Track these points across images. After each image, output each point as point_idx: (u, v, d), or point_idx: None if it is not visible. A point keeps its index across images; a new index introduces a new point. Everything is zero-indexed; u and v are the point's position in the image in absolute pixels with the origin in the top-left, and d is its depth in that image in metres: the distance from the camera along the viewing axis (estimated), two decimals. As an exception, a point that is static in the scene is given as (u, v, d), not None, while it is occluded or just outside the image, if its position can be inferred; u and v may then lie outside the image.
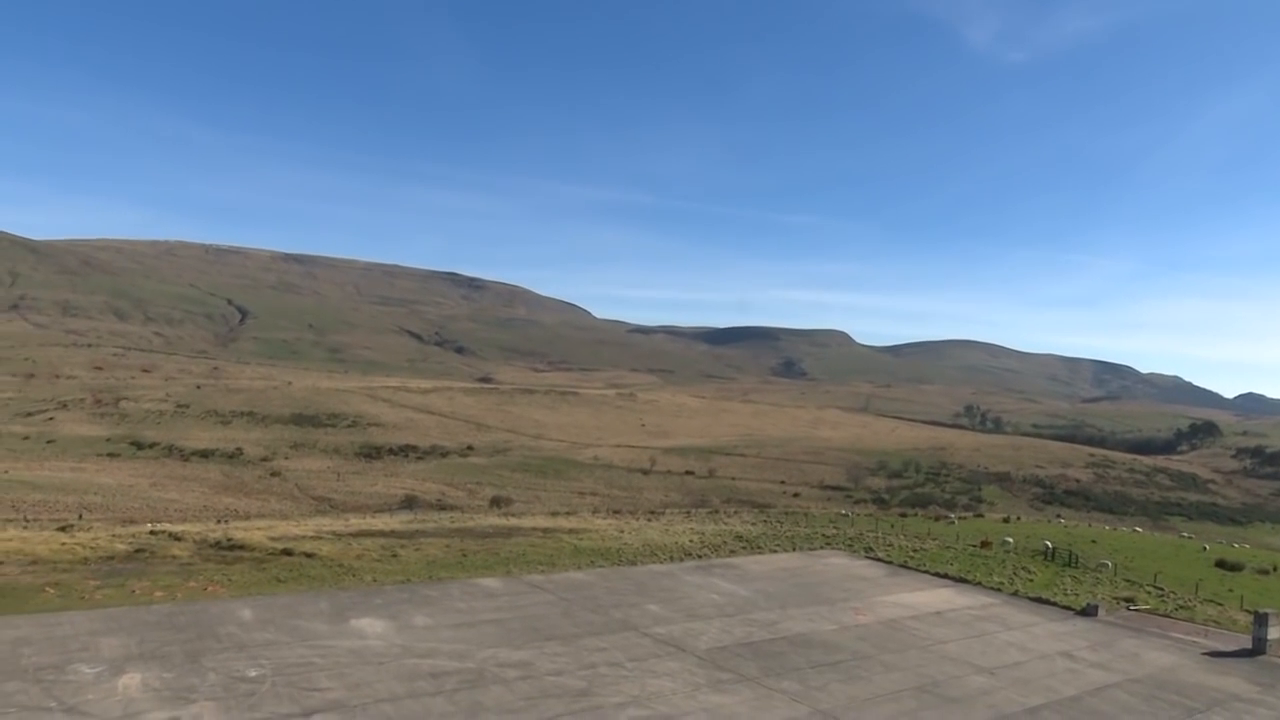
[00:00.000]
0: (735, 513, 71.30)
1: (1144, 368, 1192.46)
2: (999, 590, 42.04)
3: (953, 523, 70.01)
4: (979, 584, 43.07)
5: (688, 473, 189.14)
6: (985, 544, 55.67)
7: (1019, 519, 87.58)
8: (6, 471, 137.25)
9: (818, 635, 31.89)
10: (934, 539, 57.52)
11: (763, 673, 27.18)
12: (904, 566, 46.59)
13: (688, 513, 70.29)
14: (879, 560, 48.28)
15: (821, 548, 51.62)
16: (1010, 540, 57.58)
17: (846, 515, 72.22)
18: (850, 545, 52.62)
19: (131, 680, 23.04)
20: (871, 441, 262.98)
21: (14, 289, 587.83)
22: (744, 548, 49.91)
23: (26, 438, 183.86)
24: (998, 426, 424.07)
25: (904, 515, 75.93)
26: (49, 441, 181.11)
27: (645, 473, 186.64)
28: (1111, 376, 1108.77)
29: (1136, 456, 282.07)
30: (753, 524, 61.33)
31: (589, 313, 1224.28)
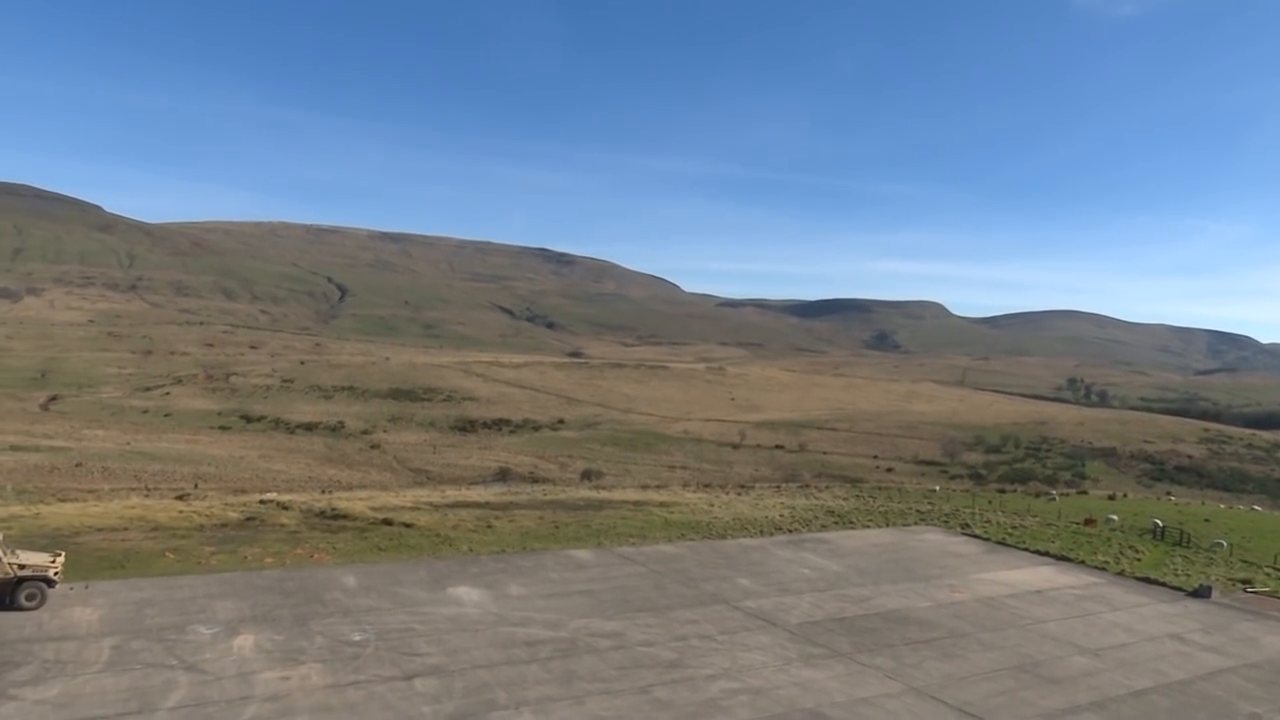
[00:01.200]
0: (826, 487, 70.51)
1: (1264, 337, 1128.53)
2: (1104, 569, 40.60)
3: (1054, 499, 67.79)
4: (1082, 563, 41.69)
5: (778, 447, 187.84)
6: (1089, 521, 53.77)
7: (1125, 496, 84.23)
8: (129, 443, 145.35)
9: (912, 612, 31.40)
10: (1034, 516, 55.85)
11: (855, 648, 26.93)
12: (1002, 544, 45.40)
13: (778, 487, 69.83)
14: (976, 537, 47.15)
15: (915, 523, 50.69)
16: (1115, 518, 55.49)
17: (940, 491, 70.65)
18: (945, 521, 51.51)
19: (245, 641, 24.22)
20: (968, 415, 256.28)
21: (132, 270, 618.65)
22: (835, 523, 49.38)
23: (146, 411, 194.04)
24: (1103, 400, 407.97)
25: (1002, 491, 73.79)
26: (166, 415, 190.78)
27: (735, 447, 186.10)
28: (1228, 347, 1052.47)
29: (1255, 431, 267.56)
30: (844, 499, 60.57)
31: (678, 287, 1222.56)
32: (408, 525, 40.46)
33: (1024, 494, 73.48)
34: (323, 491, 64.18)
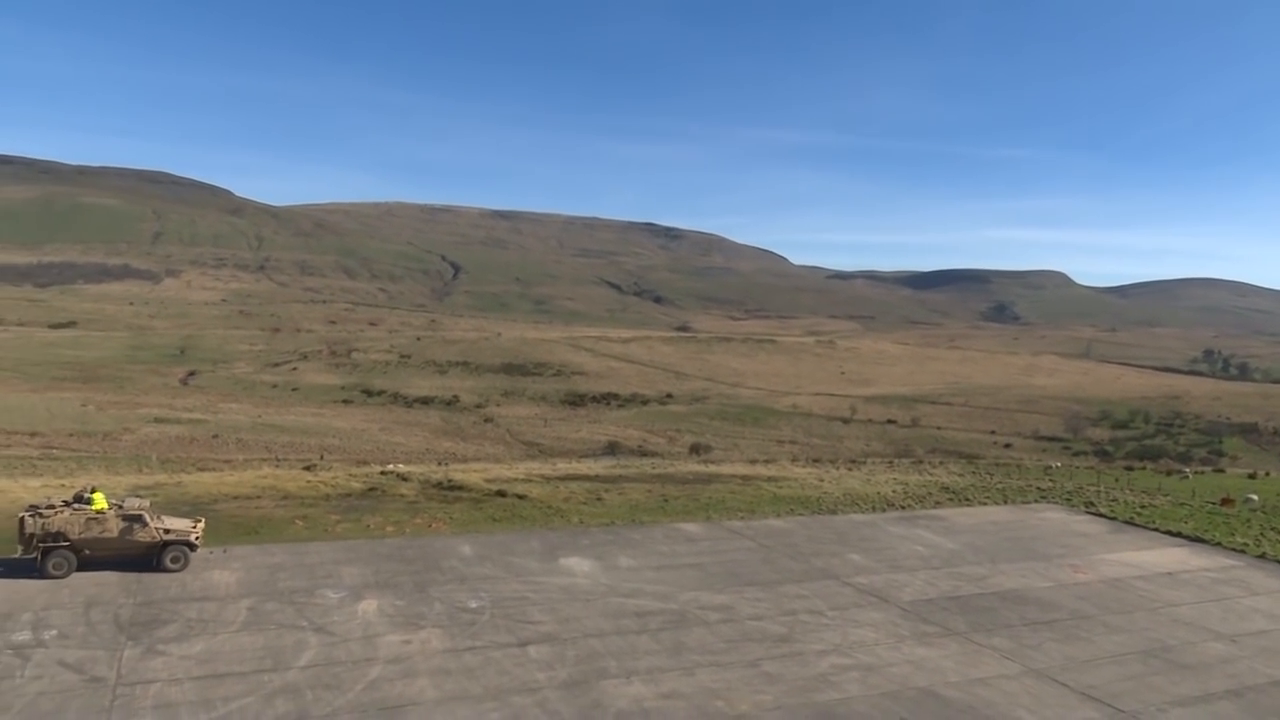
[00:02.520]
0: (941, 463, 68.76)
1: None
2: (1242, 552, 38.33)
3: (1186, 477, 64.31)
4: (1218, 544, 39.45)
5: (890, 421, 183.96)
6: (1226, 501, 50.80)
7: (1268, 475, 79.15)
8: (260, 416, 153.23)
9: (1031, 592, 30.41)
10: (1165, 495, 53.12)
11: (971, 628, 26.29)
12: (1129, 523, 43.39)
13: (890, 462, 68.49)
14: (1101, 516, 45.19)
15: (1035, 501, 48.93)
16: (1256, 497, 52.24)
17: (1061, 467, 67.94)
18: (1068, 499, 49.54)
19: (369, 606, 25.34)
20: (1093, 389, 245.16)
21: (260, 251, 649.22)
22: (950, 499, 48.12)
23: (275, 386, 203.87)
24: (1243, 373, 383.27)
25: (1130, 469, 70.45)
26: (293, 389, 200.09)
27: (845, 421, 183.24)
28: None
29: None
30: (960, 475, 58.94)
31: (786, 259, 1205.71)
32: (520, 497, 41.45)
33: (1154, 471, 69.98)
34: (439, 463, 66.34)
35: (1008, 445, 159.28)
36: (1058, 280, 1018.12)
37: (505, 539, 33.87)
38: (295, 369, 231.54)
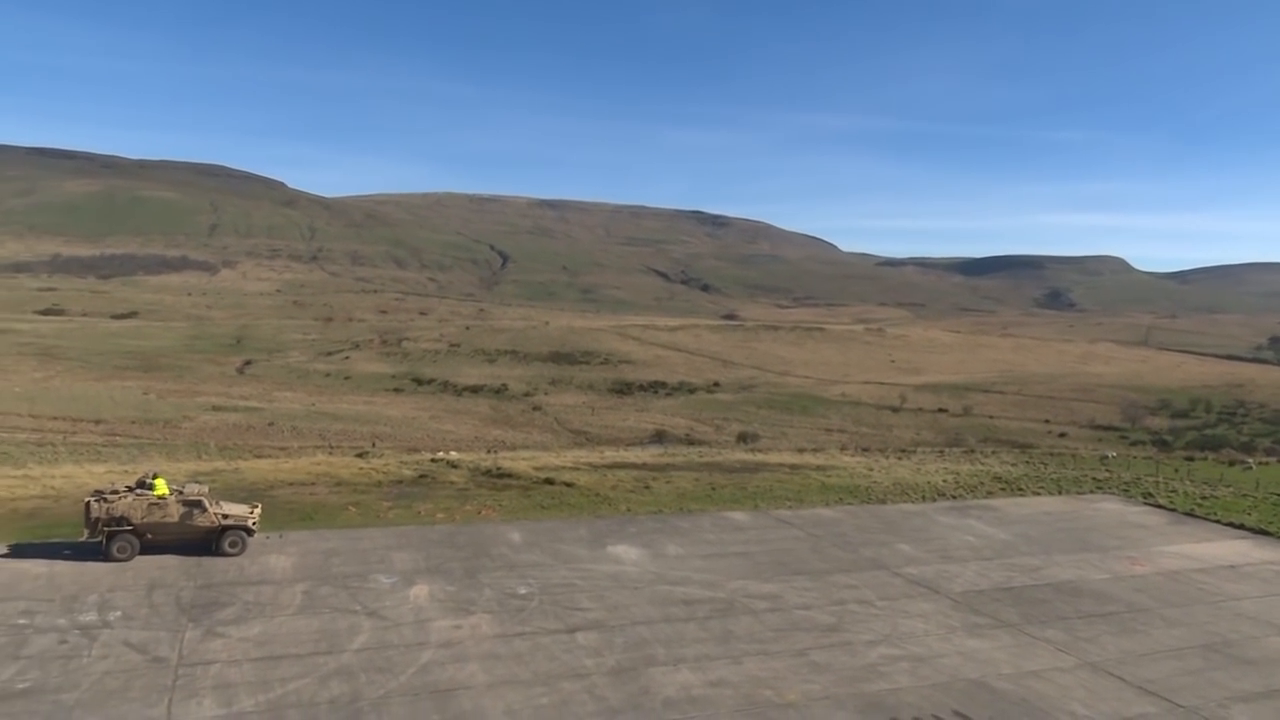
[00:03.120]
0: (993, 453, 67.65)
1: None
2: (1308, 545, 37.19)
3: (1250, 468, 62.48)
4: (1283, 537, 38.32)
5: (941, 410, 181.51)
6: (1291, 493, 49.28)
7: (1335, 466, 76.73)
8: (314, 404, 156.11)
9: (1087, 584, 29.86)
10: (1227, 486, 51.70)
11: (1024, 620, 25.90)
12: (1190, 515, 42.33)
13: (941, 452, 67.53)
14: (1160, 507, 44.14)
15: (1091, 492, 47.96)
16: (1324, 489, 50.61)
17: (1118, 457, 66.43)
18: (1125, 490, 48.47)
19: (420, 591, 25.73)
20: (1152, 377, 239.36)
21: (313, 242, 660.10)
22: (1003, 489, 47.38)
23: (328, 374, 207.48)
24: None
25: (1190, 459, 68.57)
26: (346, 378, 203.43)
27: (895, 410, 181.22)
28: None
29: None
30: (1013, 465, 57.96)
31: (835, 246, 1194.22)
32: (568, 484, 41.71)
33: (1215, 462, 68.09)
34: (488, 451, 66.94)
35: (1062, 434, 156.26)
36: (1115, 266, 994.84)
37: (553, 526, 34.13)
38: (347, 358, 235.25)
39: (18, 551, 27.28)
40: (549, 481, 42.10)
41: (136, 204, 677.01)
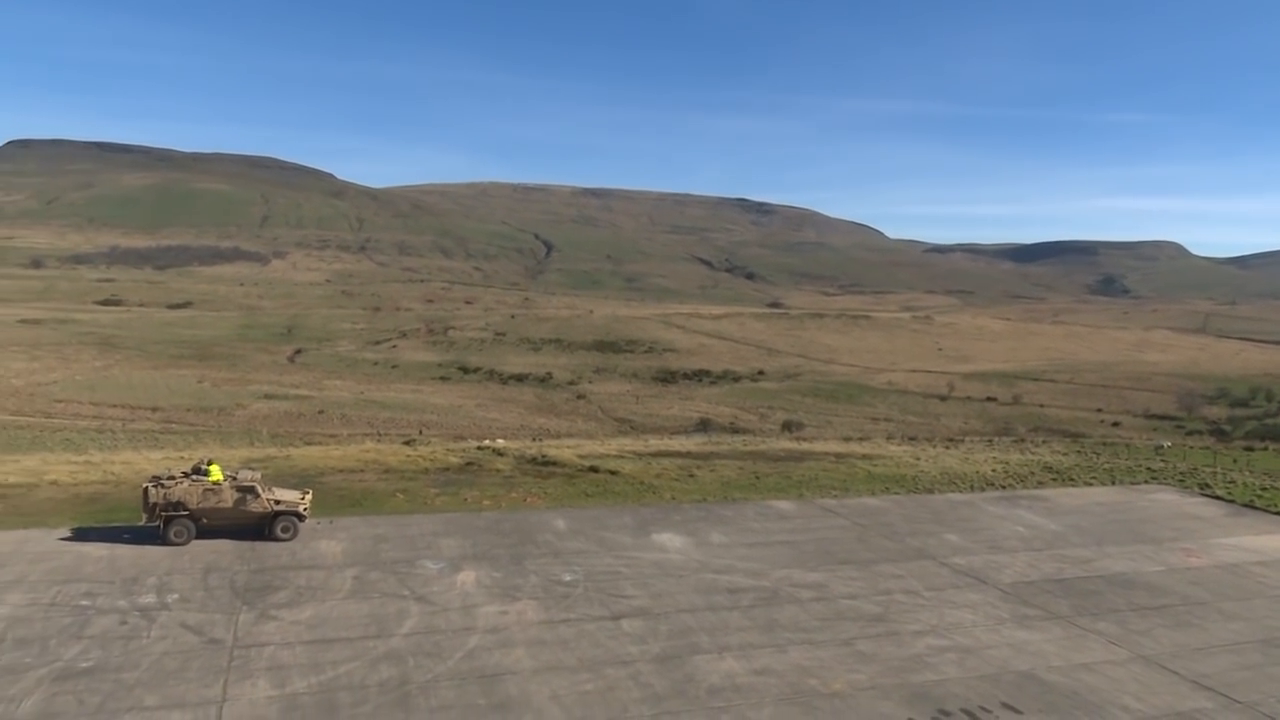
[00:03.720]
0: (1044, 442, 66.48)
1: None
2: (1374, 538, 36.05)
3: (1313, 459, 60.70)
4: (1347, 530, 37.18)
5: (989, 399, 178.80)
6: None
7: (1404, 457, 74.16)
8: (362, 392, 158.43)
9: (1140, 576, 29.28)
10: (1288, 477, 50.23)
11: (1075, 611, 25.49)
12: (1249, 506, 41.24)
13: (989, 441, 66.55)
14: (1217, 498, 43.07)
15: (1145, 482, 46.93)
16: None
17: (1174, 447, 64.86)
18: (1181, 480, 47.36)
19: (467, 577, 26.04)
20: (1210, 365, 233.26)
21: (361, 232, 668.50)
22: (1053, 479, 46.56)
23: (376, 363, 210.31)
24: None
25: (1250, 449, 66.74)
26: (393, 366, 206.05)
27: (943, 399, 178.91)
28: None
29: None
30: (1064, 454, 56.94)
31: (881, 233, 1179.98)
32: (613, 473, 41.85)
33: (1277, 452, 66.26)
34: (533, 439, 67.45)
35: (1116, 424, 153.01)
36: (1172, 251, 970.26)
37: (598, 514, 34.29)
38: (395, 347, 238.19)
39: (80, 535, 28.13)
40: (593, 469, 42.28)
41: (191, 196, 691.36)
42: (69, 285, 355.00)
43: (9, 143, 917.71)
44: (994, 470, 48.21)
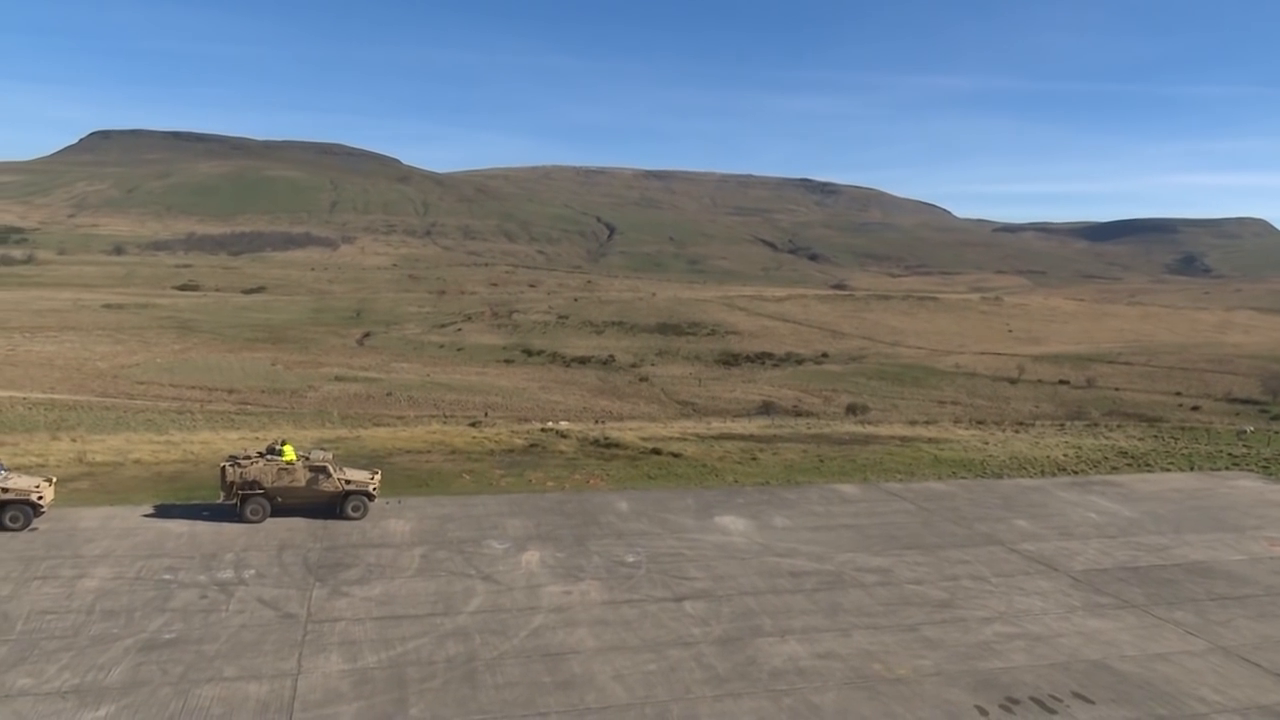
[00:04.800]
0: (1118, 426, 64.67)
1: None
2: None
3: None
4: None
5: (1061, 382, 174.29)
6: None
7: None
8: (429, 375, 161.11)
9: (1220, 565, 28.35)
10: (1382, 464, 48.07)
11: (1150, 600, 24.81)
12: (1338, 494, 39.57)
13: (1061, 425, 64.95)
14: (1303, 485, 41.42)
15: (1226, 468, 45.35)
16: None
17: (1257, 432, 62.51)
18: (1265, 467, 45.65)
19: (532, 557, 26.39)
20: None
21: (426, 217, 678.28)
22: (1129, 465, 45.28)
23: (442, 346, 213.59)
24: None
25: (1340, 434, 64.05)
26: (458, 349, 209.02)
27: (1012, 382, 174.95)
28: None
29: None
30: (1140, 439, 55.31)
31: (949, 213, 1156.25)
32: (675, 455, 41.93)
33: (1369, 438, 63.39)
34: (596, 421, 67.88)
35: (1195, 408, 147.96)
36: (1257, 228, 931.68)
37: (661, 496, 34.40)
38: (460, 330, 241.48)
39: (162, 512, 29.22)
40: (656, 452, 42.40)
41: (264, 183, 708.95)
42: (149, 271, 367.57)
43: (92, 134, 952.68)
44: (1066, 455, 47.07)
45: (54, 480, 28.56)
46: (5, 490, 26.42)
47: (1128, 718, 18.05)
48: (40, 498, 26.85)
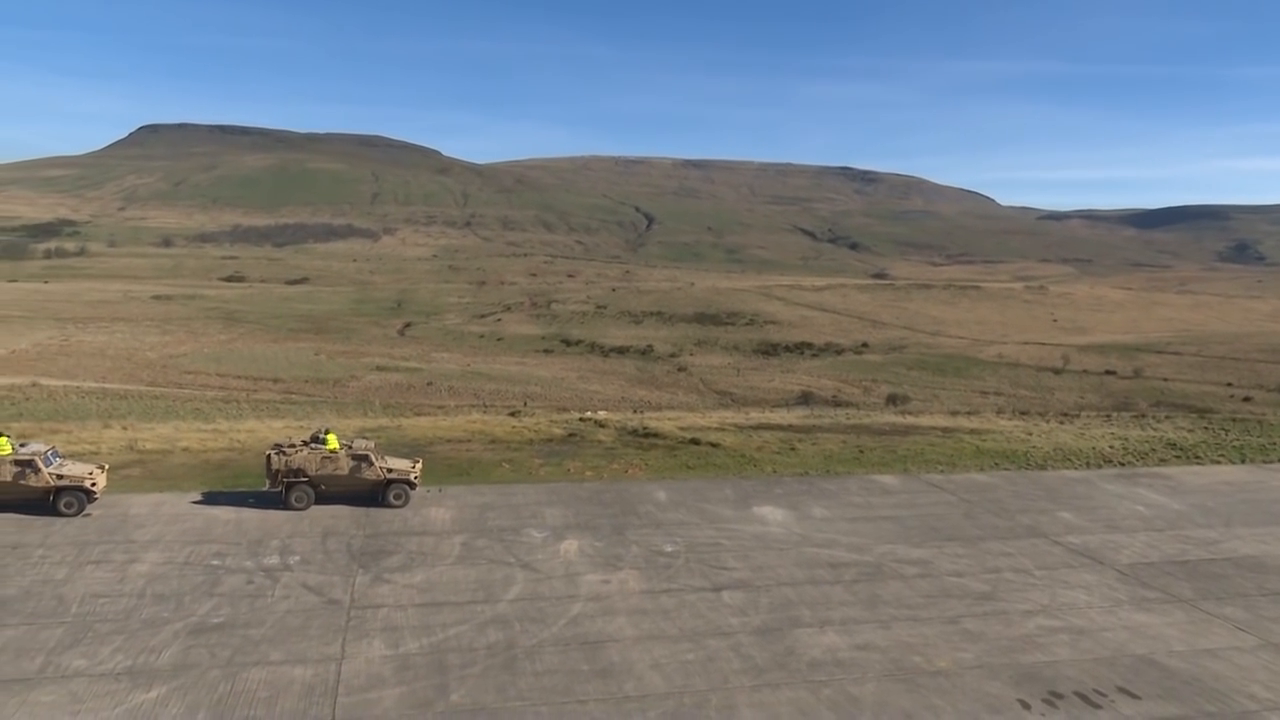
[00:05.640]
0: (1167, 417, 63.32)
1: None
2: None
3: None
4: None
5: (1108, 372, 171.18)
6: None
7: None
8: (469, 365, 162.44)
9: (1272, 560, 27.71)
10: None
11: (1199, 595, 24.34)
12: (1397, 488, 38.44)
13: (1107, 416, 63.76)
14: (1360, 479, 40.28)
15: (1279, 461, 44.26)
16: None
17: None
18: (1320, 459, 44.45)
19: (570, 546, 26.54)
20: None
21: (466, 208, 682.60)
22: (1177, 457, 44.34)
23: (482, 336, 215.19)
24: None
25: (1399, 427, 62.19)
26: (498, 339, 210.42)
27: (1057, 372, 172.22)
28: None
29: None
30: (1189, 430, 54.14)
31: (993, 200, 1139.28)
32: (714, 445, 41.85)
33: None
34: (634, 411, 67.91)
35: (1247, 399, 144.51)
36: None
37: (699, 486, 34.40)
38: (499, 320, 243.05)
39: (210, 498, 29.83)
40: (694, 442, 42.34)
41: (307, 176, 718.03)
42: (196, 263, 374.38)
43: (140, 128, 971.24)
44: (1112, 446, 46.23)
45: (106, 467, 29.30)
46: (60, 477, 27.17)
47: (1175, 715, 17.75)
48: (94, 484, 27.56)
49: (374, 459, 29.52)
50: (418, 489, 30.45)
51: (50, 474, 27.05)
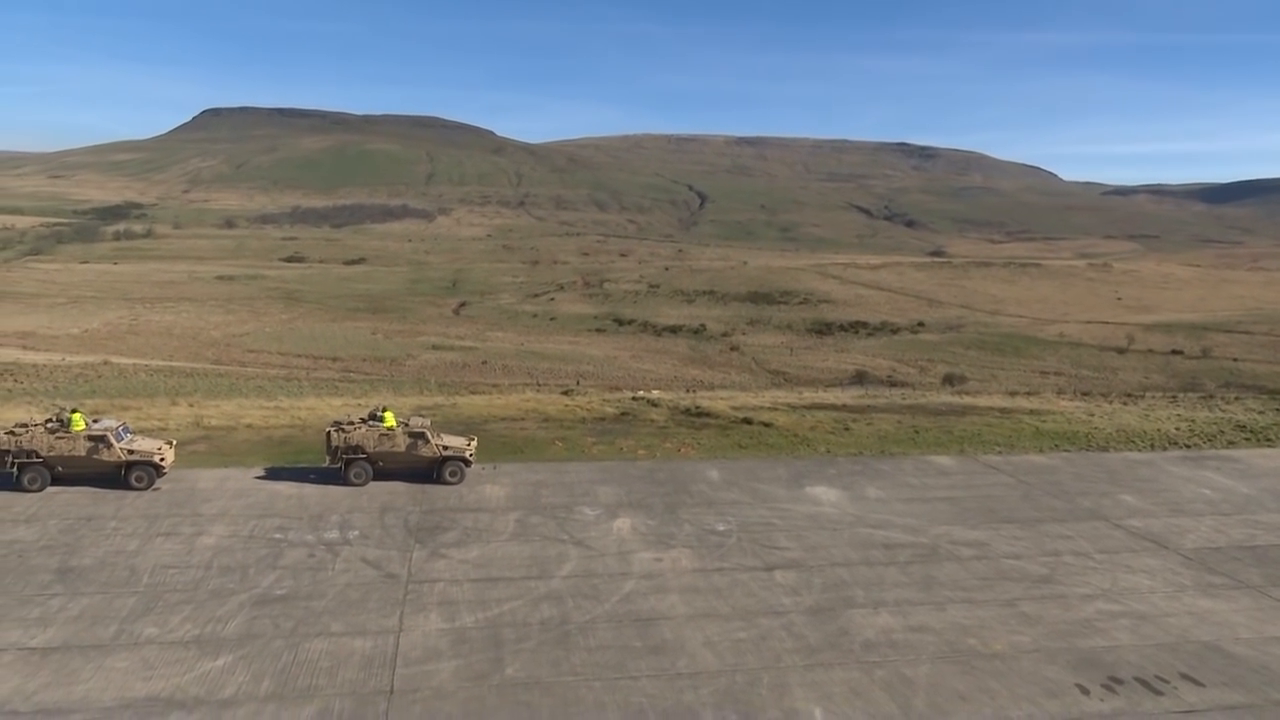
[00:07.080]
0: (1236, 399, 61.39)
1: None
2: None
3: None
4: None
5: (1174, 352, 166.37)
6: None
7: None
8: (522, 344, 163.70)
9: (1347, 546, 26.80)
10: None
11: (1269, 581, 23.68)
12: None
13: (1173, 397, 62.04)
14: None
15: (1357, 444, 42.66)
16: None
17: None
18: (1400, 443, 42.77)
19: (623, 524, 26.72)
20: None
21: (520, 188, 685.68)
22: (1247, 439, 43.02)
23: (535, 315, 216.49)
24: None
25: None
26: (551, 319, 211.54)
27: (1120, 351, 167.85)
28: None
29: None
30: (1260, 412, 52.43)
31: (1055, 175, 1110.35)
32: (766, 425, 41.69)
33: None
34: (687, 390, 67.86)
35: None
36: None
37: (751, 465, 34.33)
38: (553, 299, 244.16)
39: (272, 474, 30.62)
40: (747, 421, 42.23)
41: (363, 157, 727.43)
42: (257, 244, 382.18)
43: (204, 112, 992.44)
44: (1178, 428, 45.01)
45: (174, 443, 30.23)
46: (131, 452, 28.10)
47: (1240, 702, 17.35)
48: (162, 459, 28.46)
49: (430, 436, 29.99)
50: (472, 466, 30.87)
51: (121, 449, 27.99)
